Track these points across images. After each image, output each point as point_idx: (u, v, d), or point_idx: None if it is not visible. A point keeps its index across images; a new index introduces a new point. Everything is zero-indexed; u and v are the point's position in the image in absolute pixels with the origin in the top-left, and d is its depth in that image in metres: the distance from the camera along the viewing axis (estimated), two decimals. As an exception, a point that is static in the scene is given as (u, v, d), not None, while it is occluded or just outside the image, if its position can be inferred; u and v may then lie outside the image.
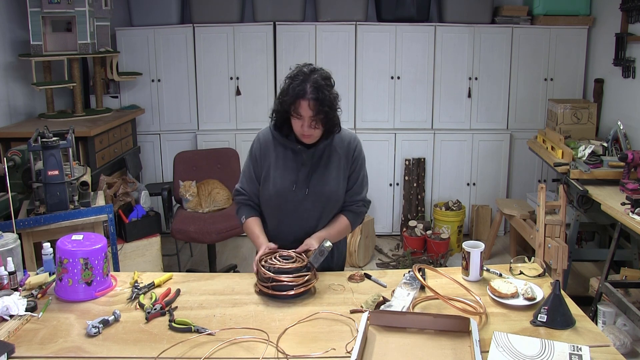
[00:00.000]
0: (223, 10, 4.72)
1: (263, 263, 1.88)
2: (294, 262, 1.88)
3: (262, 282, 1.86)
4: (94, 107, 4.66)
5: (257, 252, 2.00)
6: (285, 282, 1.81)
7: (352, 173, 2.11)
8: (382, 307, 1.74)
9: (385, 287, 1.94)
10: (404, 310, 1.71)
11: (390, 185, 4.92)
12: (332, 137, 2.04)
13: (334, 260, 2.20)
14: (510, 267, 2.04)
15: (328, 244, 1.89)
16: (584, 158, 3.55)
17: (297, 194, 2.04)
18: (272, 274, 1.82)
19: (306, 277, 1.85)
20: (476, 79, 4.79)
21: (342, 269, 2.25)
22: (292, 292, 1.82)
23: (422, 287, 1.85)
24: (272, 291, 1.83)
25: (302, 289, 1.83)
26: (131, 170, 4.44)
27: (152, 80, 4.83)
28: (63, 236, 1.92)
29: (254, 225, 2.10)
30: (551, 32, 4.70)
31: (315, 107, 1.88)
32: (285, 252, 1.95)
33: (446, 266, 4.31)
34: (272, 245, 1.99)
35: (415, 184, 4.86)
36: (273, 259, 1.90)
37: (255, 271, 1.90)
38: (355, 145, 2.11)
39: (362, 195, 2.15)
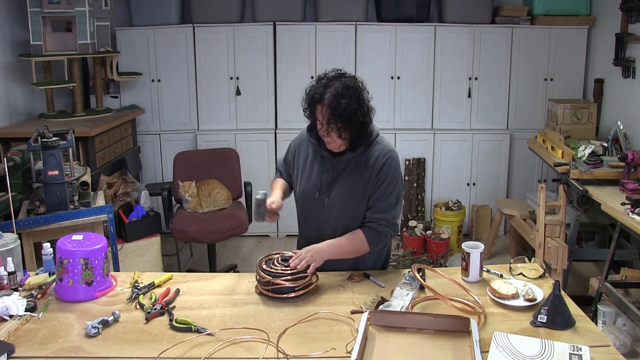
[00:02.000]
0: (223, 10, 4.72)
1: (264, 266, 1.88)
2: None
3: (262, 285, 1.86)
4: (94, 107, 4.66)
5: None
6: (284, 285, 1.81)
7: (376, 190, 1.98)
8: (380, 307, 1.74)
9: (383, 287, 1.94)
10: (403, 310, 1.71)
11: (390, 185, 4.91)
12: (358, 150, 1.96)
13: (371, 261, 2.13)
14: (510, 268, 2.04)
15: (259, 195, 1.96)
16: (584, 158, 3.55)
17: (319, 201, 2.03)
18: (271, 278, 1.82)
19: (306, 279, 1.85)
20: (476, 79, 4.79)
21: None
22: (292, 295, 1.82)
23: (422, 287, 1.85)
24: (272, 294, 1.83)
25: (301, 292, 1.83)
26: (131, 170, 4.44)
27: (152, 80, 4.83)
28: (63, 236, 1.92)
29: (275, 182, 2.21)
30: (551, 32, 4.70)
31: (328, 114, 1.83)
32: (288, 254, 1.95)
33: (446, 266, 4.31)
34: (279, 202, 2.04)
35: (415, 184, 4.86)
36: (275, 262, 1.90)
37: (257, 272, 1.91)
38: (384, 163, 1.97)
39: (386, 215, 1.99)
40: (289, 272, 1.84)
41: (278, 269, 1.86)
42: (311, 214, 2.08)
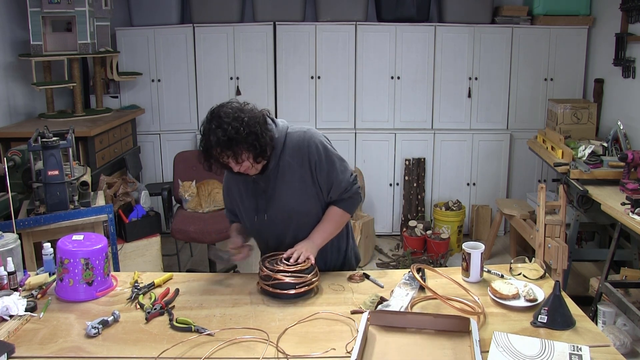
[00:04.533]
0: (223, 10, 4.72)
1: (267, 264, 1.89)
2: (296, 264, 1.89)
3: (264, 281, 1.86)
4: (94, 107, 4.66)
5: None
6: (286, 281, 1.82)
7: (320, 173, 1.98)
8: (379, 307, 1.74)
9: (382, 287, 1.94)
10: (402, 310, 1.71)
11: (390, 185, 4.92)
12: (272, 156, 1.94)
13: (329, 261, 2.14)
14: (511, 268, 2.04)
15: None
16: (584, 158, 3.55)
17: (261, 220, 2.03)
18: (274, 274, 1.83)
19: (308, 278, 1.85)
20: (476, 79, 4.79)
21: (342, 268, 2.18)
22: (292, 291, 1.82)
23: (422, 287, 1.85)
24: (273, 289, 1.83)
25: (303, 289, 1.83)
26: (131, 170, 4.44)
27: (152, 80, 4.83)
28: (63, 236, 1.92)
29: (230, 229, 2.21)
30: (551, 32, 4.70)
31: (218, 152, 1.84)
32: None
33: (446, 266, 4.31)
34: (237, 241, 2.09)
35: (415, 184, 4.86)
36: (278, 262, 1.91)
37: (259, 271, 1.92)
38: (307, 147, 1.96)
39: (344, 184, 2.01)
40: (291, 270, 1.85)
41: (280, 267, 1.86)
42: (264, 233, 2.08)
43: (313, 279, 1.87)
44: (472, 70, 4.78)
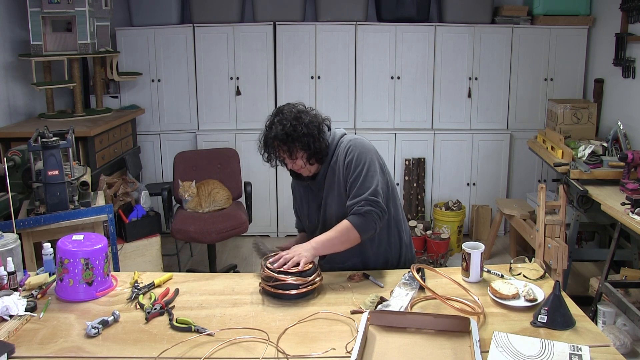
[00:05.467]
0: (223, 10, 4.72)
1: (269, 265, 1.89)
2: (297, 265, 1.88)
3: (266, 281, 1.86)
4: (94, 107, 4.66)
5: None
6: (289, 282, 1.82)
7: (348, 180, 2.02)
8: (379, 307, 1.74)
9: (382, 287, 1.94)
10: (402, 309, 1.71)
11: (390, 185, 4.92)
12: (324, 161, 2.07)
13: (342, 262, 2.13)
14: (511, 268, 2.04)
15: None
16: (584, 158, 3.56)
17: (314, 224, 2.15)
18: (276, 274, 1.83)
19: (310, 278, 1.85)
20: (476, 79, 4.79)
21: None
22: (294, 292, 1.82)
23: (422, 287, 1.85)
24: (275, 290, 1.83)
25: (304, 289, 1.83)
26: (131, 170, 4.45)
27: (152, 80, 4.84)
28: (63, 236, 1.91)
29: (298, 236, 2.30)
30: (551, 32, 4.70)
31: (276, 145, 2.01)
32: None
33: (446, 266, 4.31)
34: (289, 245, 2.10)
35: (415, 184, 4.86)
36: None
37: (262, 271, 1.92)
38: (346, 154, 2.03)
39: (364, 196, 1.96)
40: (293, 270, 1.85)
41: (282, 268, 1.86)
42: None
43: (316, 279, 1.87)
44: (472, 70, 4.78)
